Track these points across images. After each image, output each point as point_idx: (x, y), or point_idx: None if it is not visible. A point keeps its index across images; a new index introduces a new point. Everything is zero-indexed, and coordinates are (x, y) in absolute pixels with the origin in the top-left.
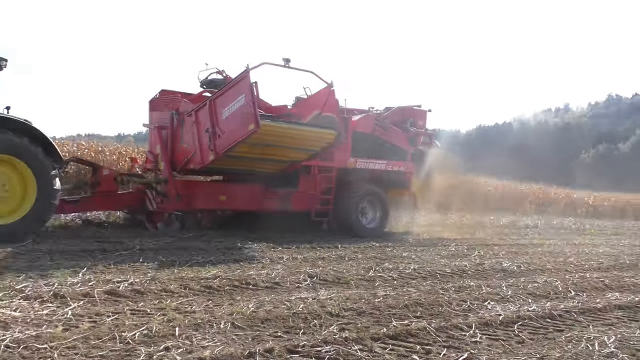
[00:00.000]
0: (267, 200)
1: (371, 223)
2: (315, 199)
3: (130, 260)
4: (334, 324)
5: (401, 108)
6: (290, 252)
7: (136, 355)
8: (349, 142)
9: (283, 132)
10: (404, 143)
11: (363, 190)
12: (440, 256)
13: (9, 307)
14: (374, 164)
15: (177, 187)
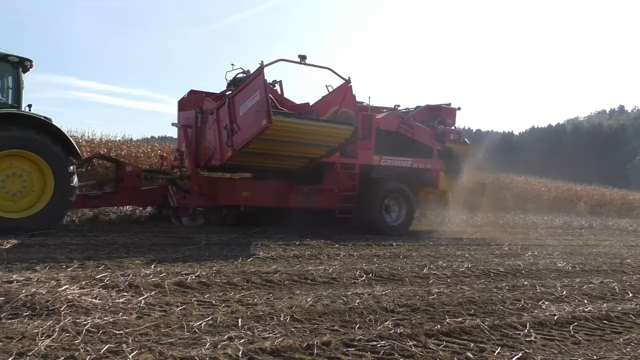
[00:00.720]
0: (291, 197)
1: (396, 221)
2: (338, 196)
3: (197, 254)
4: (388, 319)
5: (429, 106)
6: (347, 249)
7: (202, 344)
8: (373, 139)
9: (297, 127)
10: (430, 140)
11: (387, 187)
12: (493, 255)
13: (90, 294)
14: (399, 161)
15: (200, 183)
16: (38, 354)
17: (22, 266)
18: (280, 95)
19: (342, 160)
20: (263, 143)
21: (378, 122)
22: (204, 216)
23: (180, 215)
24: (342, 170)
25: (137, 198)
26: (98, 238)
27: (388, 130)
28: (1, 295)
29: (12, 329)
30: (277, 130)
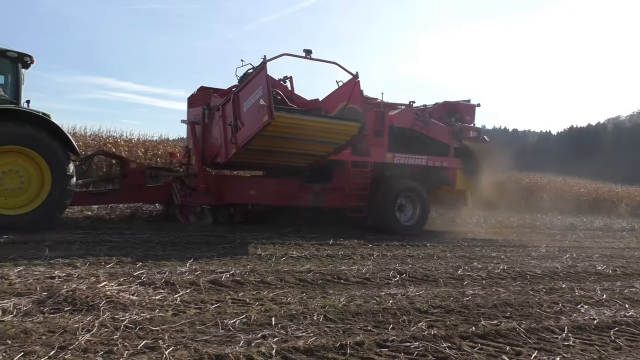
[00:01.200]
0: (301, 195)
1: (410, 220)
2: (349, 195)
3: (232, 253)
4: (422, 320)
5: (447, 103)
6: (380, 250)
7: (236, 341)
8: (386, 136)
9: (301, 124)
10: (446, 138)
11: (400, 186)
12: (530, 257)
13: (127, 291)
14: (413, 159)
15: (207, 181)
16: (78, 348)
17: (63, 262)
18: (290, 91)
19: (353, 158)
20: (266, 140)
21: (391, 119)
22: (212, 214)
23: (187, 213)
24: (353, 169)
25: (141, 195)
26: (135, 236)
27: (402, 128)
28: (44, 290)
29: (54, 323)
30: (280, 127)
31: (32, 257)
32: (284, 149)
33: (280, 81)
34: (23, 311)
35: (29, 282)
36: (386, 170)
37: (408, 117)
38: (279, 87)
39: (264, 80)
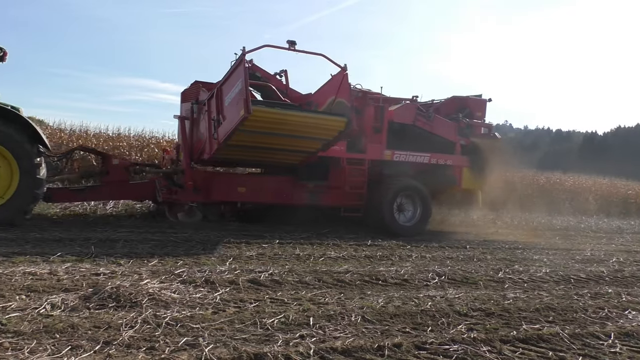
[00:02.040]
0: (296, 193)
1: (410, 221)
2: (345, 193)
3: (271, 253)
4: (462, 323)
5: (456, 97)
6: (419, 251)
7: (274, 340)
8: (385, 132)
9: (282, 119)
10: (451, 134)
11: (399, 184)
12: (574, 260)
13: (169, 289)
14: (415, 156)
15: (195, 178)
16: (122, 343)
17: (108, 260)
18: (285, 85)
19: (349, 156)
20: (247, 135)
21: (391, 114)
22: (202, 212)
23: (176, 211)
24: (349, 166)
25: (124, 192)
26: (176, 235)
27: (403, 124)
28: (90, 287)
29: (99, 319)
30: (259, 122)
31: (79, 254)
32: (268, 145)
33: (277, 75)
34: (70, 306)
35: (75, 278)
36: (385, 168)
37: (409, 112)
38: (273, 81)
39: (242, 73)
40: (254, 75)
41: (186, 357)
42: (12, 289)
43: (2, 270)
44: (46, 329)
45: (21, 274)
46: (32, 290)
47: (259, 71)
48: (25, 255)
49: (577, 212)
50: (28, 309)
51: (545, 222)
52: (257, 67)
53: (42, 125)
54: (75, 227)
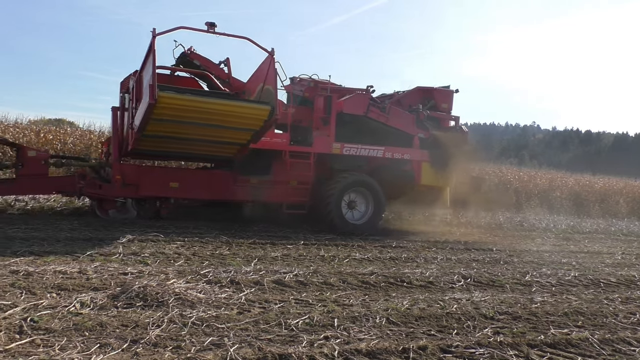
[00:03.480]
0: (237, 189)
1: (361, 218)
2: (288, 188)
3: (295, 254)
4: (488, 326)
5: (420, 88)
6: (445, 253)
7: (299, 341)
8: (333, 124)
9: (196, 107)
10: (409, 127)
11: (348, 180)
12: (604, 264)
13: (195, 289)
14: (367, 150)
15: (123, 172)
16: (149, 342)
17: (135, 259)
18: (227, 74)
19: (292, 148)
20: (162, 125)
21: (340, 105)
22: (136, 209)
23: (107, 207)
24: (292, 160)
25: (41, 186)
26: (203, 235)
27: (354, 115)
28: (118, 286)
29: (127, 318)
30: (170, 110)
31: (107, 254)
32: (189, 135)
33: (222, 63)
34: (99, 305)
35: (104, 277)
36: (336, 162)
37: (361, 103)
38: (213, 70)
39: (151, 58)
40: (192, 64)
41: (212, 356)
42: (44, 287)
43: (34, 268)
44: (76, 327)
45: (52, 272)
46: (63, 289)
47: (199, 59)
48: (56, 254)
49: (607, 215)
50: (58, 306)
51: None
52: (196, 55)
53: (73, 127)
54: (104, 228)
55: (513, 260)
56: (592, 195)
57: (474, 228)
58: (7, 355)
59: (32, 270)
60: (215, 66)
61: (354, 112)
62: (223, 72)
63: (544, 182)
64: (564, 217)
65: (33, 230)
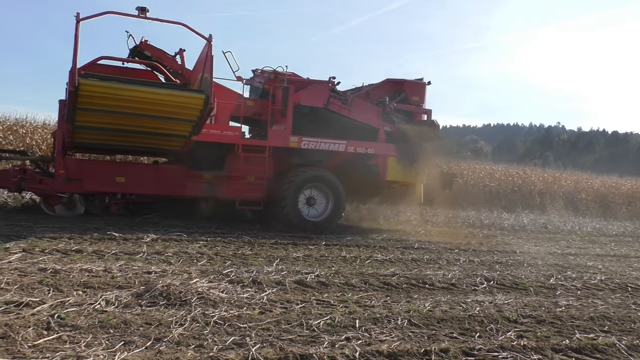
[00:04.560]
0: (189, 184)
1: (319, 215)
2: (242, 184)
3: (317, 254)
4: (511, 329)
5: (390, 80)
6: (467, 255)
7: (320, 342)
8: (290, 117)
9: (125, 96)
10: (374, 120)
11: (306, 175)
12: (631, 268)
13: (217, 288)
14: (328, 144)
15: (67, 166)
16: (172, 340)
17: (159, 258)
18: (180, 66)
19: (245, 142)
20: (93, 115)
21: (298, 96)
22: (84, 205)
23: (53, 202)
24: (245, 154)
25: None
26: (225, 235)
27: (313, 107)
28: (142, 284)
29: (151, 316)
30: (96, 98)
31: (132, 253)
32: (127, 127)
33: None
34: (123, 303)
35: (128, 276)
36: (294, 156)
37: (320, 95)
38: (165, 61)
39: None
40: (142, 54)
41: (233, 355)
42: (70, 284)
43: (61, 266)
44: (101, 324)
45: (78, 270)
46: (88, 287)
47: (150, 50)
48: (82, 252)
49: (634, 218)
50: (84, 304)
51: (601, 228)
52: (148, 46)
53: None
54: (128, 227)
55: (537, 262)
56: (619, 198)
57: (497, 230)
58: (35, 351)
59: (59, 268)
60: (168, 57)
61: (313, 105)
62: (176, 63)
63: (569, 183)
64: (589, 220)
65: (59, 229)
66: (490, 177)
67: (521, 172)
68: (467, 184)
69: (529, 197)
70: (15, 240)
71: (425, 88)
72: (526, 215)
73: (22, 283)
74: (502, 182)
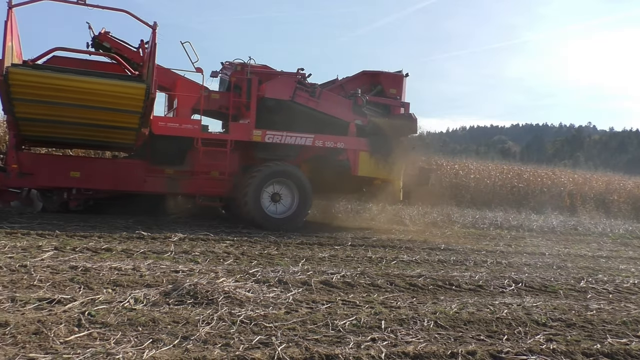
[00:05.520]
0: (149, 179)
1: (285, 212)
2: (202, 179)
3: (343, 255)
4: (540, 333)
5: (366, 72)
6: (495, 256)
7: (346, 343)
8: (253, 109)
9: (54, 85)
10: (344, 113)
11: (269, 170)
12: None
13: (243, 287)
14: (294, 138)
15: (21, 160)
16: (199, 339)
17: (186, 258)
18: (141, 57)
19: (205, 136)
20: (31, 106)
21: (263, 88)
22: (41, 200)
23: (8, 198)
24: (204, 148)
25: None
26: (252, 235)
27: (279, 100)
28: (169, 283)
29: (178, 315)
30: (29, 88)
31: (160, 252)
32: (70, 119)
33: (142, 48)
34: (152, 301)
35: (156, 274)
36: (260, 151)
37: (286, 87)
38: (125, 53)
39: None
40: (101, 46)
41: (259, 355)
42: (100, 282)
43: (92, 265)
44: (130, 322)
45: (108, 269)
46: (118, 285)
47: (110, 42)
48: (112, 251)
49: None
50: (114, 302)
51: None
52: (107, 37)
53: None
54: (157, 227)
55: (567, 265)
56: None
57: (525, 231)
58: (67, 347)
59: (90, 266)
60: (129, 49)
61: (278, 97)
62: (138, 55)
63: (600, 184)
64: (621, 222)
65: (90, 228)
66: (519, 178)
67: (550, 172)
68: (494, 184)
69: (559, 198)
70: (47, 239)
71: (404, 81)
72: (555, 217)
73: (54, 280)
74: (531, 183)
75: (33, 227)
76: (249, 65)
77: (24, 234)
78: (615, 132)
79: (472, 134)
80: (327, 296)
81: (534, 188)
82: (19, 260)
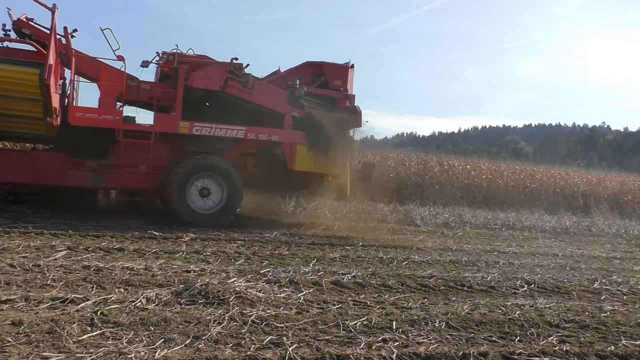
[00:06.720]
0: (72, 173)
1: (213, 208)
2: (123, 173)
3: (354, 255)
4: (553, 334)
5: (309, 63)
6: (507, 257)
7: (357, 343)
8: (180, 100)
9: None
10: (279, 105)
11: (194, 163)
12: None
13: (255, 288)
14: (224, 130)
15: None
16: (210, 338)
17: (198, 258)
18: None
19: (126, 127)
20: None
21: (191, 78)
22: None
23: None
24: (126, 140)
25: None
26: (263, 235)
27: (208, 90)
28: (181, 283)
29: (190, 314)
30: None
31: (171, 252)
32: None
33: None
34: (163, 301)
35: (168, 274)
36: (190, 144)
37: (216, 76)
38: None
39: None
40: (20, 32)
41: (270, 355)
42: (112, 282)
43: (104, 264)
44: (142, 321)
45: (120, 268)
46: (130, 284)
47: (29, 29)
48: (124, 251)
49: None
50: (126, 301)
51: None
52: (26, 23)
53: None
54: (168, 227)
55: (580, 266)
56: None
57: (537, 232)
58: (80, 346)
59: (102, 265)
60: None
61: (207, 87)
62: (60, 43)
63: (614, 185)
64: (636, 223)
65: (102, 228)
66: (531, 178)
67: (563, 173)
68: (507, 185)
69: (572, 199)
70: (60, 238)
71: (349, 72)
72: (569, 218)
73: (67, 280)
74: (544, 184)
75: (46, 227)
76: (177, 54)
77: (37, 233)
78: (629, 132)
79: (484, 134)
80: (338, 296)
81: (547, 188)
82: (32, 259)
